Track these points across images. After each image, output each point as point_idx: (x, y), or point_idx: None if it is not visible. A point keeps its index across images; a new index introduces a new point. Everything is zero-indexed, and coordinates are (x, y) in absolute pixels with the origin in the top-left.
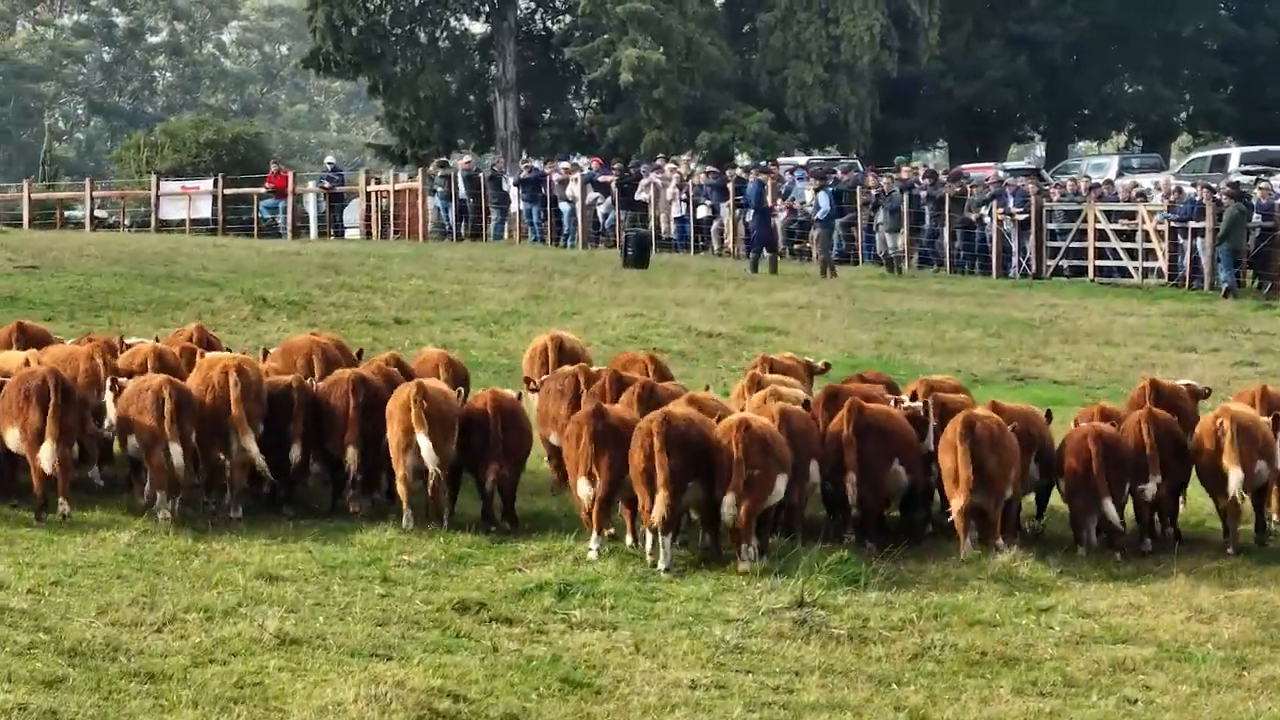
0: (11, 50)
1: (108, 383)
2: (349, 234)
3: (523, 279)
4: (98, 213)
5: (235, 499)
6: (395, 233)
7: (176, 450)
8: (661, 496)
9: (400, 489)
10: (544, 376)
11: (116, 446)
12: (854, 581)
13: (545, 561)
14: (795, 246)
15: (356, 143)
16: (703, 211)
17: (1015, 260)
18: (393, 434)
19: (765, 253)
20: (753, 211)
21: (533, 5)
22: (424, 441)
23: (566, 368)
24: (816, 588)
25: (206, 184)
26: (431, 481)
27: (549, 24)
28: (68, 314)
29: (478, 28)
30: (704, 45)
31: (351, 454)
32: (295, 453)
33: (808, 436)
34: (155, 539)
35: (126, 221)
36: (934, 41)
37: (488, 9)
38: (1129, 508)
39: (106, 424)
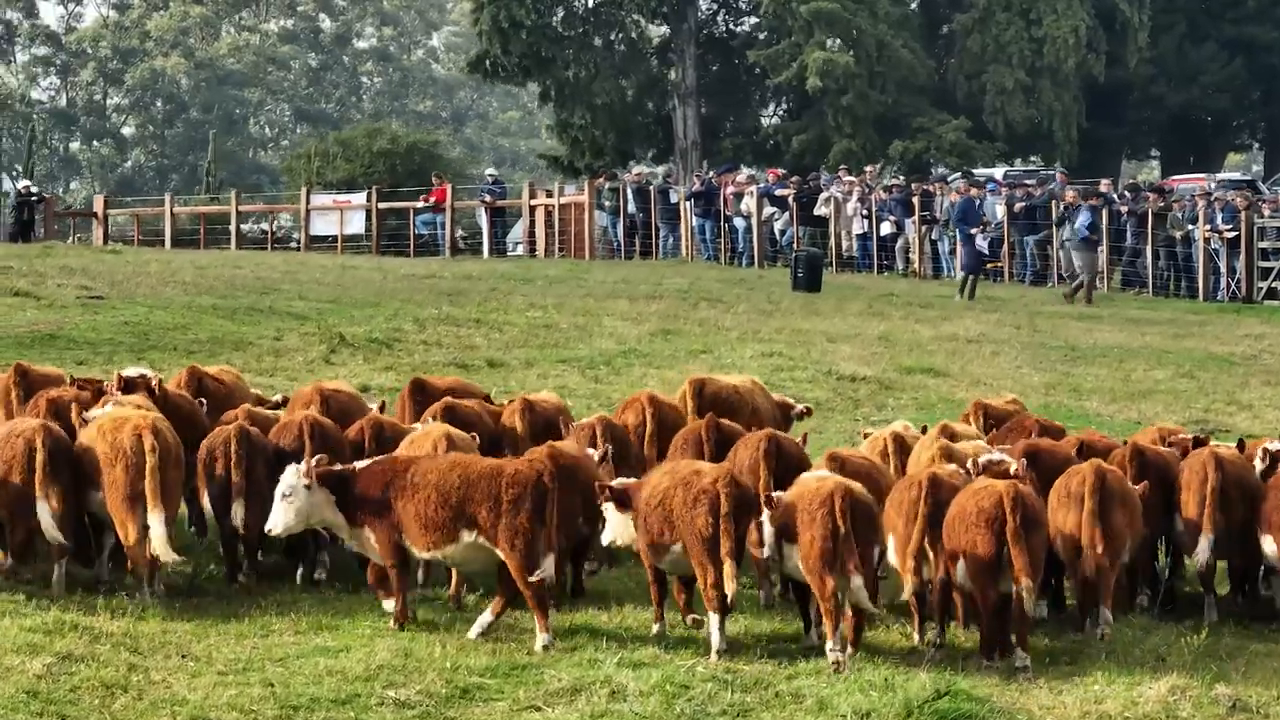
0: (216, 56)
1: None
2: (514, 251)
3: (659, 309)
4: (261, 226)
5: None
6: (560, 250)
7: (44, 510)
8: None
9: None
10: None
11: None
12: None
13: (572, 698)
14: (988, 266)
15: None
16: (886, 228)
17: (1223, 282)
18: None
19: (970, 276)
20: (959, 230)
21: (714, 6)
22: None
23: (591, 418)
24: None
25: (359, 197)
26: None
27: (731, 26)
28: (107, 356)
29: (656, 31)
30: (896, 48)
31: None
32: (238, 514)
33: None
34: (77, 668)
35: (298, 237)
36: (1144, 44)
37: (666, 11)
38: None
39: None
